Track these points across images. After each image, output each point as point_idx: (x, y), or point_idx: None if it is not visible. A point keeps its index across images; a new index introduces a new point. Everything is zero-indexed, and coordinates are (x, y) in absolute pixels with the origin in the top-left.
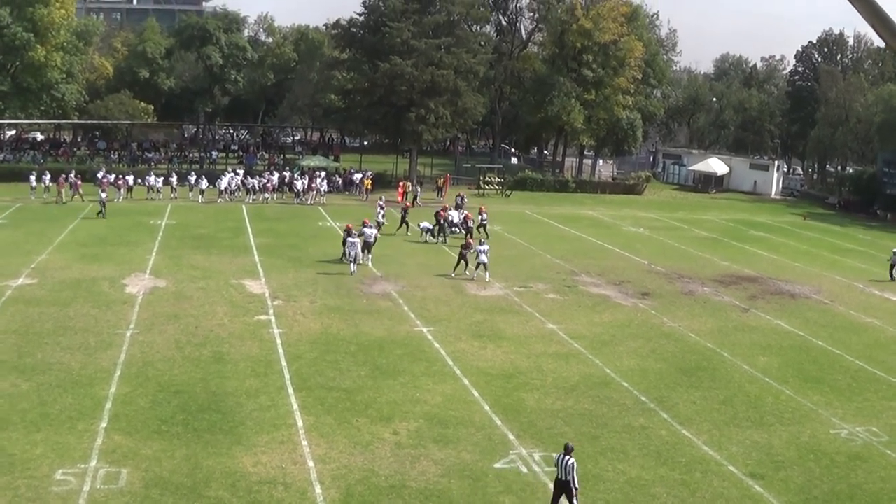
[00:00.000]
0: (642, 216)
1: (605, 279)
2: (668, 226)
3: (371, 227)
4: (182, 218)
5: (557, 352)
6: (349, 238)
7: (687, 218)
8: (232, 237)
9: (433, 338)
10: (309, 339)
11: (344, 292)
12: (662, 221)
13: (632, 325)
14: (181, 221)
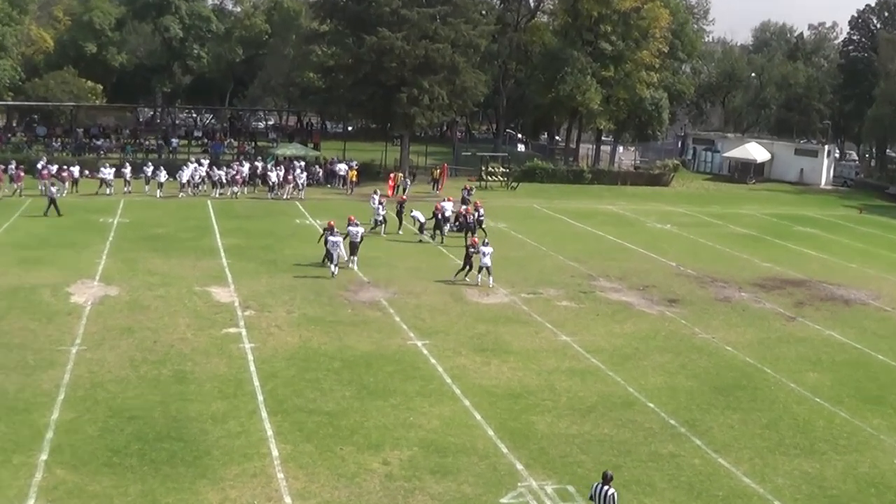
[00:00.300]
0: (669, 211)
1: (627, 284)
2: (700, 222)
3: (357, 226)
4: (137, 215)
5: (572, 368)
6: (331, 237)
7: (721, 213)
8: (195, 237)
9: (429, 352)
10: (285, 355)
11: (325, 300)
12: (693, 217)
13: (658, 337)
14: (136, 219)
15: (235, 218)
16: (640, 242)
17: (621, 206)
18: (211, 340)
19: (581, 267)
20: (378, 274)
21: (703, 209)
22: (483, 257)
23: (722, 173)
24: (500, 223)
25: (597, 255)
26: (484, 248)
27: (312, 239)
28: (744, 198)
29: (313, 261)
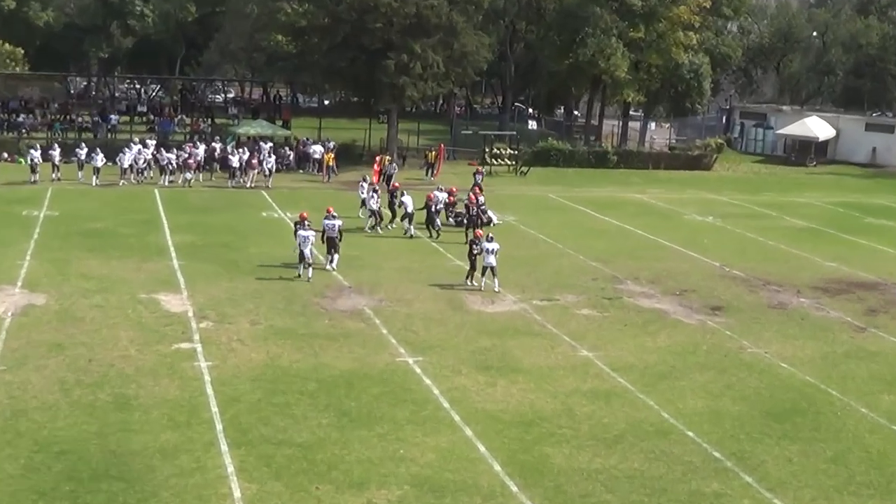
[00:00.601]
0: (712, 200)
1: (661, 288)
2: (749, 212)
3: (334, 218)
4: (69, 207)
5: (594, 389)
6: (300, 231)
7: (775, 201)
8: (140, 234)
9: (422, 371)
10: (250, 375)
11: (298, 309)
12: (740, 206)
13: (698, 352)
14: (67, 212)
15: (189, 210)
16: (677, 238)
17: (653, 195)
18: (159, 358)
19: (605, 268)
20: (361, 277)
21: (753, 197)
22: (486, 256)
23: (776, 154)
24: (507, 215)
25: (624, 254)
26: (487, 244)
27: (281, 235)
28: (802, 183)
29: (283, 261)
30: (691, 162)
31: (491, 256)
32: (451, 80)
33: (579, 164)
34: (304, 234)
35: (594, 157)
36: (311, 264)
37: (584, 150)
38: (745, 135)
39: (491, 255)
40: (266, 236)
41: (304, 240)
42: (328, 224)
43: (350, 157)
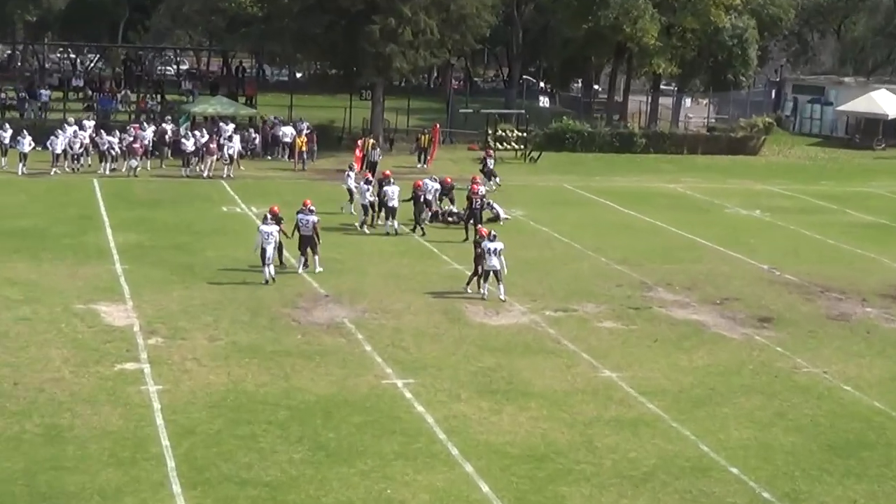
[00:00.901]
0: (759, 190)
1: (698, 295)
2: (804, 205)
3: (310, 213)
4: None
5: (619, 417)
6: (262, 225)
7: (836, 192)
8: (76, 233)
9: (413, 396)
10: (207, 402)
11: (265, 322)
12: (793, 198)
13: (743, 372)
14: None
15: (135, 205)
16: (717, 236)
17: (689, 185)
18: (99, 382)
19: (631, 272)
20: (340, 283)
21: (809, 187)
22: (489, 258)
23: (836, 135)
24: (515, 210)
25: (654, 256)
26: (490, 243)
27: (245, 234)
28: (869, 170)
29: (248, 265)
30: (734, 145)
31: (494, 258)
32: (448, 48)
33: (600, 148)
34: (266, 230)
35: (618, 141)
36: (275, 265)
37: (607, 132)
38: (799, 112)
39: (494, 256)
40: (227, 236)
41: (266, 236)
42: (303, 219)
43: (327, 140)
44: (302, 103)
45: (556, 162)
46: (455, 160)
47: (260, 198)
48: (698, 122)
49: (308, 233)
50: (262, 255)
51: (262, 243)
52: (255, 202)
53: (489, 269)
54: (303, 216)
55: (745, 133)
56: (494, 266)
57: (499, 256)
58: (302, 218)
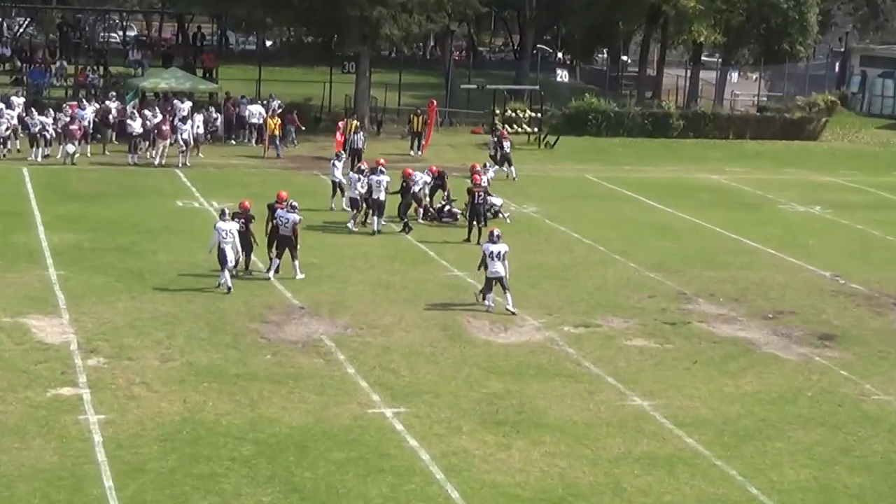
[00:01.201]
0: (820, 182)
1: (746, 308)
2: (873, 201)
3: (294, 210)
4: None
5: (652, 453)
6: (219, 223)
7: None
8: (1, 232)
9: (405, 428)
10: (159, 434)
11: (228, 339)
12: (860, 192)
13: (800, 400)
14: None
15: (72, 198)
16: (770, 237)
17: (736, 176)
18: (28, 410)
19: (667, 280)
20: (318, 293)
21: (879, 178)
22: (491, 263)
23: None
24: (527, 206)
25: (694, 260)
26: (492, 245)
27: (204, 234)
28: None
29: (208, 270)
30: (790, 128)
31: (498, 263)
32: (447, 11)
33: (630, 132)
34: (224, 228)
35: (651, 123)
36: (240, 270)
37: (637, 113)
38: (869, 89)
39: (498, 261)
40: (182, 235)
41: (223, 235)
42: (282, 217)
43: (303, 122)
44: (273, 77)
45: (577, 148)
46: (455, 146)
47: (222, 190)
48: (747, 100)
49: (287, 233)
50: (220, 257)
51: (220, 243)
52: (216, 195)
53: (492, 277)
54: (283, 213)
55: (803, 114)
56: (499, 273)
57: (503, 261)
58: (282, 215)
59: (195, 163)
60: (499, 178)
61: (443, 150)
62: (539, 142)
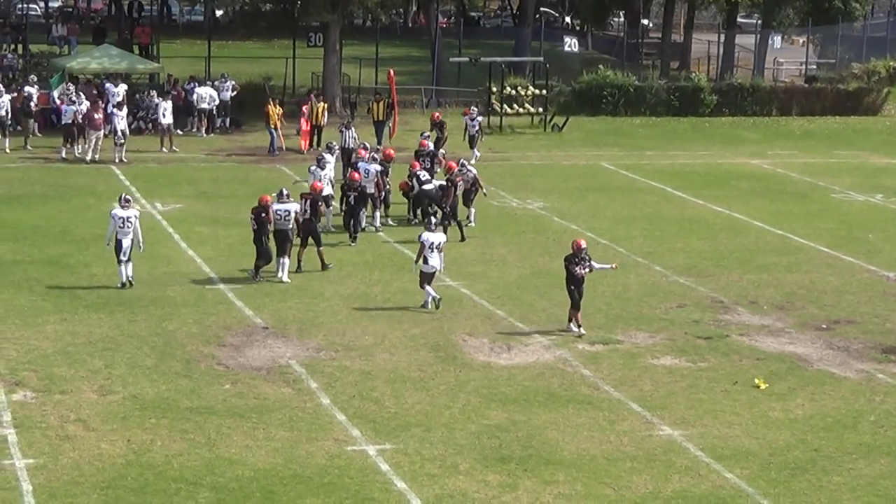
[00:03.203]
0: (881, 166)
1: (795, 318)
2: None
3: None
4: None
5: (686, 492)
6: (115, 210)
7: None
8: None
9: (392, 468)
10: (99, 481)
11: (178, 367)
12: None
13: (861, 426)
14: None
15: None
16: (822, 233)
17: (780, 160)
18: None
19: (700, 286)
20: (284, 309)
21: None
22: (430, 254)
23: None
24: (532, 200)
25: (732, 262)
26: (430, 235)
27: (148, 240)
28: None
29: (153, 284)
30: (844, 101)
31: (436, 256)
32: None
33: (653, 110)
34: (121, 216)
35: (679, 99)
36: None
37: (662, 87)
38: None
39: (434, 252)
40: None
41: (121, 224)
42: (281, 210)
43: (261, 106)
44: (225, 54)
45: (590, 131)
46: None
47: (167, 189)
48: (792, 69)
49: (288, 227)
50: (118, 248)
51: (117, 234)
52: (160, 195)
53: (429, 272)
54: (281, 206)
55: (861, 84)
56: (435, 268)
57: (441, 252)
58: (280, 208)
59: (133, 157)
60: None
61: (409, 139)
62: (545, 124)
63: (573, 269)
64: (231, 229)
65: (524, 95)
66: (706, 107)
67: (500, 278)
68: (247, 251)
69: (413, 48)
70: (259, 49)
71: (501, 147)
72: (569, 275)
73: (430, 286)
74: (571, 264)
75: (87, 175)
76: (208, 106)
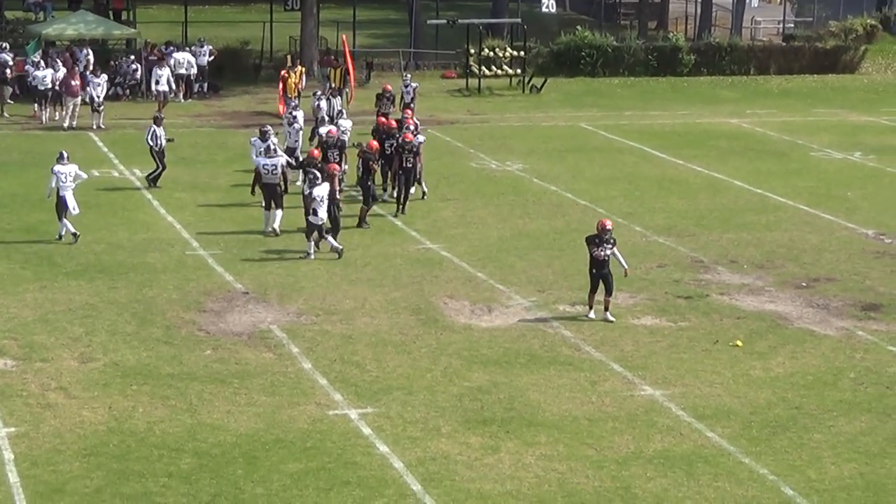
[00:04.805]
0: (859, 123)
1: (775, 276)
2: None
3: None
4: None
5: (668, 452)
6: (56, 166)
7: None
8: None
9: (374, 431)
10: (81, 448)
11: (159, 332)
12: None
13: (842, 383)
14: None
15: None
16: (801, 191)
17: (759, 118)
18: None
19: (679, 246)
20: (265, 274)
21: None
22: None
23: None
24: (511, 162)
25: (712, 222)
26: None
27: (127, 208)
28: None
29: (133, 251)
30: (822, 60)
31: (322, 208)
32: None
33: (631, 70)
34: (62, 171)
35: (657, 59)
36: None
37: (640, 47)
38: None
39: (322, 205)
40: (99, 211)
41: (63, 179)
42: (268, 164)
43: (238, 70)
44: (201, 18)
45: (569, 92)
46: (423, 94)
47: (145, 155)
48: (770, 28)
49: (275, 180)
50: (59, 205)
51: (59, 189)
52: (138, 162)
53: (317, 224)
54: (267, 161)
55: (838, 42)
56: (323, 220)
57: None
58: (266, 164)
59: (110, 123)
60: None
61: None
62: (523, 85)
63: (592, 251)
64: (210, 194)
65: (502, 57)
66: (684, 66)
67: (480, 240)
68: (226, 216)
69: (391, 11)
70: (236, 13)
71: (480, 109)
72: (590, 257)
73: (313, 239)
74: (592, 245)
75: (65, 142)
76: (186, 71)
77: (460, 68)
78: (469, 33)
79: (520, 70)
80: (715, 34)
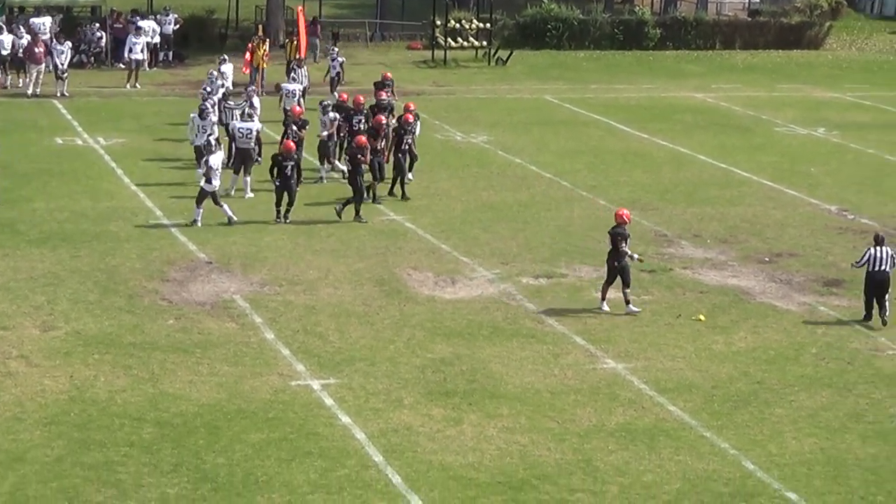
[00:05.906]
0: (823, 99)
1: (738, 251)
2: (888, 120)
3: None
4: None
5: (629, 425)
6: None
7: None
8: None
9: (336, 402)
10: (42, 417)
11: (122, 301)
12: (872, 110)
13: (803, 358)
14: None
15: None
16: (764, 166)
17: (724, 93)
18: None
19: (643, 219)
20: (228, 244)
21: (894, 93)
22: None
23: None
24: (476, 134)
25: (675, 196)
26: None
27: (91, 176)
28: None
29: (96, 219)
30: (787, 35)
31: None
32: None
33: (597, 43)
34: None
35: (623, 32)
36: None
37: (605, 20)
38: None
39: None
40: (63, 179)
41: None
42: (242, 129)
43: (204, 39)
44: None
45: (534, 65)
46: (389, 65)
47: (109, 123)
48: (736, 3)
49: (248, 145)
50: None
51: None
52: (102, 130)
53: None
54: (242, 124)
55: (803, 18)
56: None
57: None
58: (241, 127)
59: (74, 91)
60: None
61: (373, 70)
62: (489, 58)
63: (620, 245)
64: (174, 164)
65: (468, 29)
66: (650, 40)
67: (444, 212)
68: (190, 185)
69: None
70: None
71: (445, 80)
72: (614, 248)
73: (201, 206)
74: (621, 239)
75: (29, 109)
76: (151, 39)
77: (426, 39)
78: (435, 4)
79: (486, 42)
80: (681, 8)
